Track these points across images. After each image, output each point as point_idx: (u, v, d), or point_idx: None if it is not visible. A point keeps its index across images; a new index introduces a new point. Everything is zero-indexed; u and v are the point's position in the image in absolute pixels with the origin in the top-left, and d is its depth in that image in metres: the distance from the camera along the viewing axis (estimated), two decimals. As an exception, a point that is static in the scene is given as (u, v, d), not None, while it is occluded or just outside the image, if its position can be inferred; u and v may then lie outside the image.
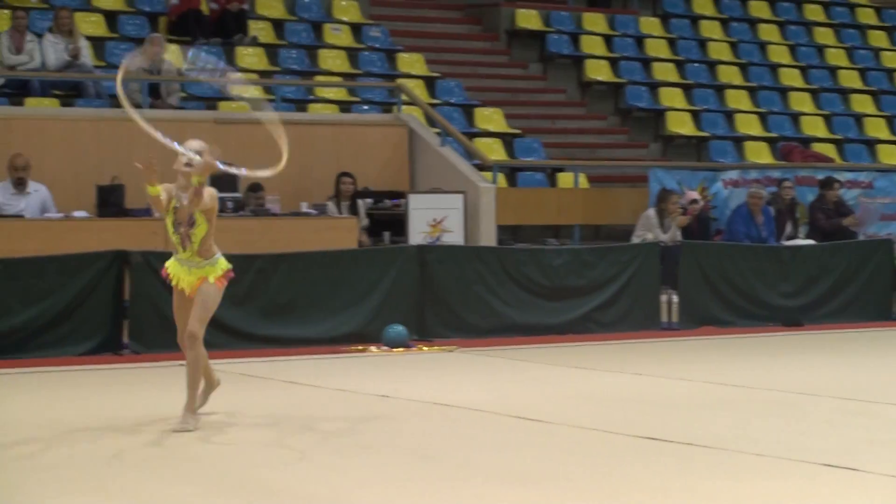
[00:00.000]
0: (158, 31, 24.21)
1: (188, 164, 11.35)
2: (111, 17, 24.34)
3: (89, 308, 15.59)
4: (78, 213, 18.20)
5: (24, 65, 21.16)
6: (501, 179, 22.90)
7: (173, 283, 11.41)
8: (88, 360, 15.07)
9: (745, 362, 15.74)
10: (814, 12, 33.06)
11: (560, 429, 11.35)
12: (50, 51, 21.23)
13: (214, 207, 11.59)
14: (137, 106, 19.68)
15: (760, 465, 9.92)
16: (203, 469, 9.76)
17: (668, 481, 9.40)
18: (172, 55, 16.09)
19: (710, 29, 31.14)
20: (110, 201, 18.19)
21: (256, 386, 13.74)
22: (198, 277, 11.41)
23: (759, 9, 32.39)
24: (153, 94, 21.27)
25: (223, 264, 11.73)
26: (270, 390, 13.52)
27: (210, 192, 11.51)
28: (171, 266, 11.44)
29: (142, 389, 13.57)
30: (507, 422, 11.68)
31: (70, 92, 21.48)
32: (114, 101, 21.13)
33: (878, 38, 32.69)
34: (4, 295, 15.38)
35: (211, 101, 22.77)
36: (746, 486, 9.24)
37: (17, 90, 21.23)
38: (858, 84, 30.61)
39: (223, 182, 18.99)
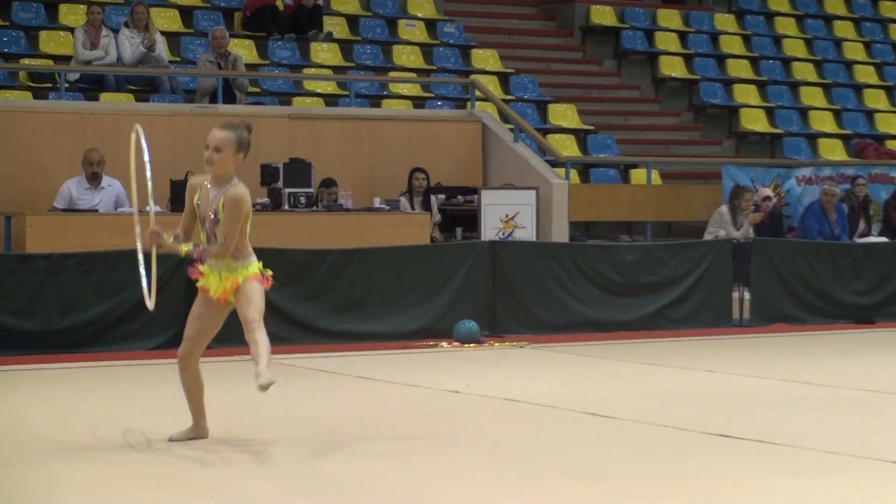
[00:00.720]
0: (234, 26, 24.26)
1: (209, 163, 10.22)
2: (186, 12, 24.42)
3: (161, 303, 15.53)
4: (151, 208, 18.18)
5: (100, 60, 21.19)
6: (574, 176, 22.86)
7: (200, 283, 10.14)
8: (159, 355, 15.07)
9: (817, 360, 15.61)
10: (889, 9, 32.88)
11: (632, 425, 11.25)
12: (126, 45, 21.28)
13: (241, 209, 10.23)
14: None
15: (832, 463, 9.80)
16: (276, 464, 9.72)
17: (739, 478, 9.29)
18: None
19: (785, 25, 30.99)
20: (184, 196, 18.17)
21: (329, 381, 13.68)
22: (230, 283, 10.14)
23: (834, 5, 32.22)
24: (225, 90, 21.25)
25: (257, 266, 10.42)
26: (343, 386, 13.44)
27: (235, 194, 10.19)
28: (206, 274, 10.16)
29: (213, 384, 13.51)
30: (579, 418, 11.57)
31: (145, 87, 21.53)
32: (188, 97, 21.22)
33: (954, 35, 32.52)
34: (78, 289, 15.36)
35: (285, 96, 22.75)
36: (817, 483, 9.13)
37: (93, 85, 21.31)
38: (934, 81, 30.43)
39: (298, 176, 19.01)
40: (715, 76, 28.36)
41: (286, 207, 18.66)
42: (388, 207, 19.72)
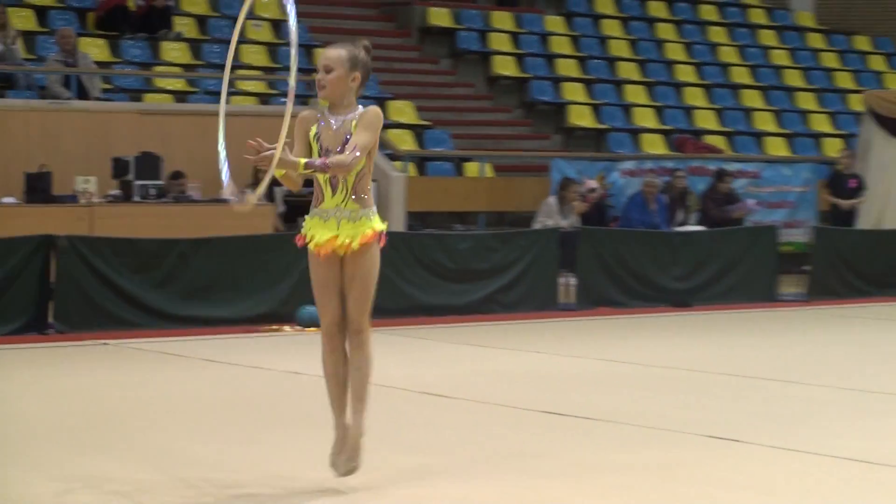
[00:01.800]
0: (88, 26, 24.10)
1: (320, 86, 8.36)
2: (41, 11, 24.15)
3: (16, 290, 15.46)
4: (6, 200, 18.06)
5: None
6: (412, 169, 22.96)
7: (311, 247, 8.22)
8: (14, 340, 14.98)
9: (638, 341, 15.85)
10: (708, 12, 33.28)
11: (466, 404, 11.41)
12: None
13: (379, 124, 8.30)
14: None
15: (652, 437, 10.03)
16: (126, 443, 9.73)
17: (565, 452, 9.48)
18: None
19: (611, 27, 31.28)
20: (38, 188, 18.06)
21: (176, 364, 13.70)
22: (349, 236, 8.09)
23: (656, 9, 32.57)
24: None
25: (381, 222, 8.30)
26: (189, 368, 13.48)
27: (373, 110, 8.29)
28: (311, 226, 8.24)
29: (66, 366, 13.52)
30: (414, 397, 11.73)
31: (1, 84, 21.30)
32: (43, 93, 21.05)
33: (768, 38, 32.94)
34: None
35: (136, 92, 22.67)
36: (639, 456, 9.34)
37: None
38: (748, 80, 30.83)
39: (149, 169, 18.97)
40: (544, 75, 28.54)
41: (137, 199, 18.60)
42: (234, 199, 19.62)
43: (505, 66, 28.39)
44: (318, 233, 8.14)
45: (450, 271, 17.75)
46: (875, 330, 17.07)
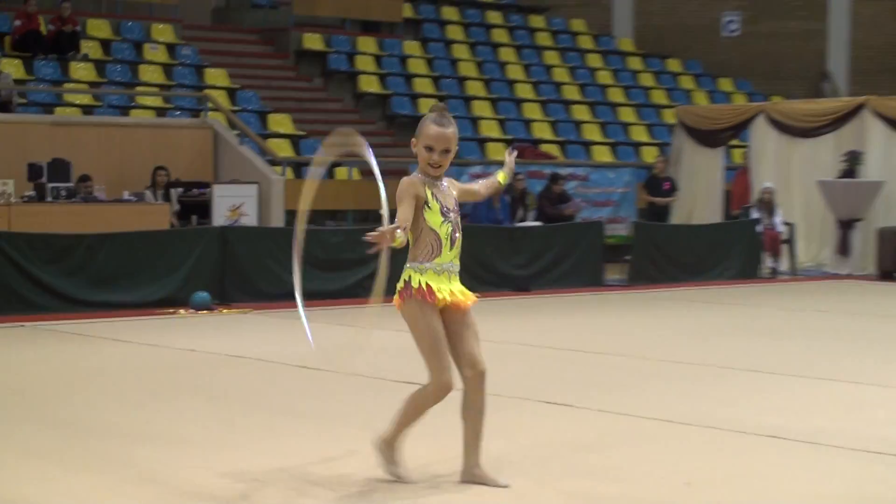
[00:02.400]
0: (5, 48, 23.80)
1: (439, 166, 7.43)
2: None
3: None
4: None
5: None
6: (289, 173, 22.93)
7: (440, 300, 7.39)
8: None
9: (484, 320, 15.85)
10: (543, 38, 33.52)
11: (333, 375, 11.31)
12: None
13: None
14: None
15: (496, 403, 10.06)
16: (40, 410, 9.66)
17: (435, 416, 9.49)
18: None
19: (460, 51, 31.38)
20: None
21: (85, 343, 13.54)
22: (460, 290, 7.53)
23: (499, 35, 32.77)
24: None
25: None
26: (97, 346, 13.34)
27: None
28: (429, 278, 7.42)
29: None
30: (289, 370, 11.71)
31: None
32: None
33: (594, 60, 33.25)
34: None
35: (49, 106, 22.44)
36: (496, 418, 9.38)
37: None
38: (578, 97, 31.08)
39: (60, 173, 18.80)
40: (403, 92, 28.60)
41: (49, 199, 18.46)
42: (135, 199, 19.61)
43: (369, 84, 28.42)
44: (441, 286, 7.40)
45: (323, 261, 17.72)
46: (686, 311, 17.24)
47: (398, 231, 7.08)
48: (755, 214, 22.36)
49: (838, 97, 23.76)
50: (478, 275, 18.93)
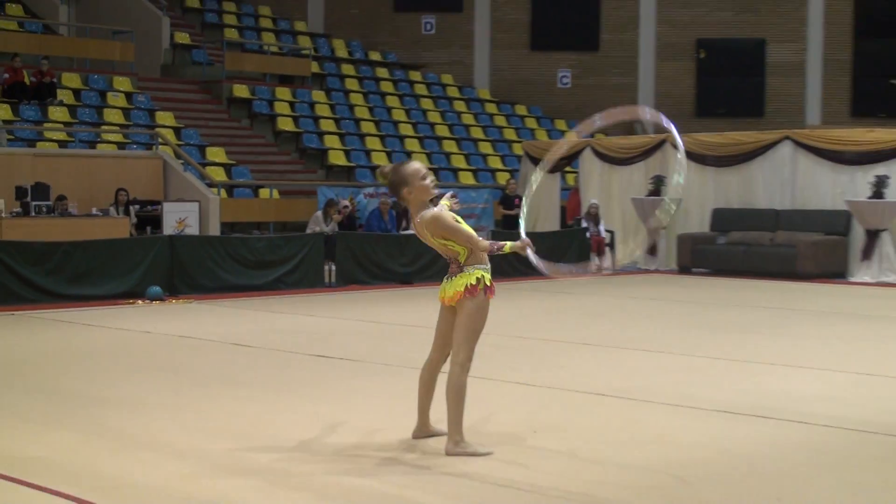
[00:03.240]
0: (-4, 95, 23.43)
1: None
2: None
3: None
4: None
5: None
6: (223, 193, 22.70)
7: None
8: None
9: (376, 307, 15.83)
10: (420, 88, 33.48)
11: (263, 351, 11.32)
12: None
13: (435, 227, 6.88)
14: None
15: (383, 371, 10.07)
16: (33, 382, 9.49)
17: (329, 381, 9.47)
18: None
19: (356, 98, 31.30)
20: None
21: (62, 328, 13.34)
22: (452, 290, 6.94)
23: (386, 86, 32.71)
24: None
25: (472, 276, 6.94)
26: (72, 330, 13.14)
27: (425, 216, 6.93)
28: (487, 277, 6.98)
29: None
30: (226, 347, 11.60)
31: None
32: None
33: (459, 105, 33.26)
34: None
35: (32, 141, 22.13)
36: (375, 384, 9.37)
37: None
38: (447, 134, 31.14)
39: (41, 194, 18.60)
40: (312, 130, 28.45)
41: (33, 214, 18.32)
42: (101, 214, 19.45)
43: (285, 124, 28.25)
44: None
45: (250, 261, 17.57)
46: (537, 298, 17.27)
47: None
48: (585, 224, 22.56)
49: (646, 135, 23.96)
50: (371, 271, 18.94)
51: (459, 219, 7.01)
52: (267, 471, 6.49)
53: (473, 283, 6.86)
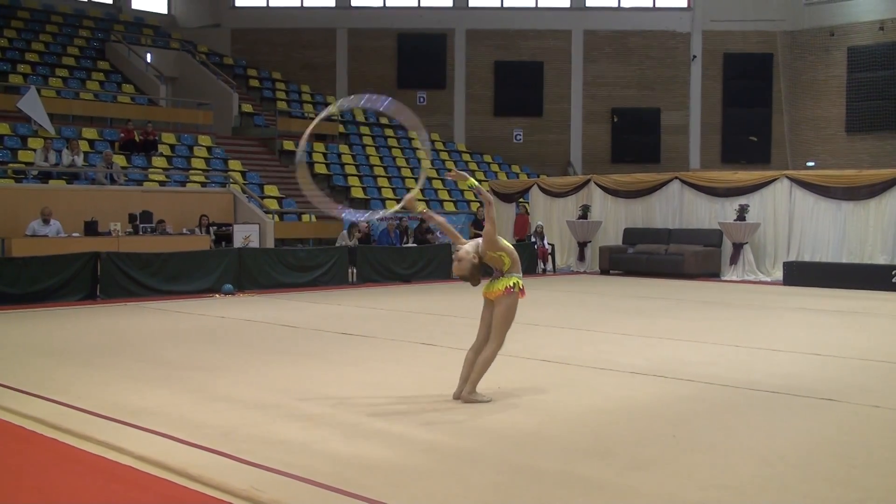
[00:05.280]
0: (115, 149, 23.25)
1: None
2: (91, 143, 23.27)
3: (77, 279, 14.91)
4: (73, 234, 17.38)
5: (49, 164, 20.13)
6: (277, 218, 22.62)
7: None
8: (75, 304, 14.36)
9: (387, 299, 15.74)
10: (416, 144, 33.40)
11: (304, 330, 11.24)
12: (54, 158, 20.23)
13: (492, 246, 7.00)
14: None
15: (384, 344, 9.96)
16: (134, 351, 9.39)
17: (351, 351, 9.36)
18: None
19: (371, 151, 31.15)
20: (91, 228, 17.50)
21: (162, 314, 13.25)
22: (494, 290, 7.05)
23: (392, 142, 32.57)
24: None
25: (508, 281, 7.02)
26: (170, 316, 13.04)
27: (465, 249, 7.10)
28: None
29: (107, 317, 12.92)
30: (278, 328, 11.52)
31: (68, 177, 20.46)
32: (91, 181, 20.18)
33: (444, 156, 33.20)
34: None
35: (138, 181, 21.97)
36: (384, 353, 9.26)
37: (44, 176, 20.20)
38: (436, 176, 31.05)
39: (145, 218, 18.46)
40: (339, 172, 28.40)
41: (140, 233, 18.17)
42: (189, 233, 19.29)
43: (321, 168, 28.19)
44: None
45: (295, 266, 17.52)
46: (527, 290, 17.22)
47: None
48: (534, 240, 22.52)
49: (577, 175, 23.96)
50: (382, 273, 18.87)
51: (505, 242, 7.04)
52: (312, 416, 6.43)
53: (510, 285, 6.94)
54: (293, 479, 4.94)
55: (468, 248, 7.04)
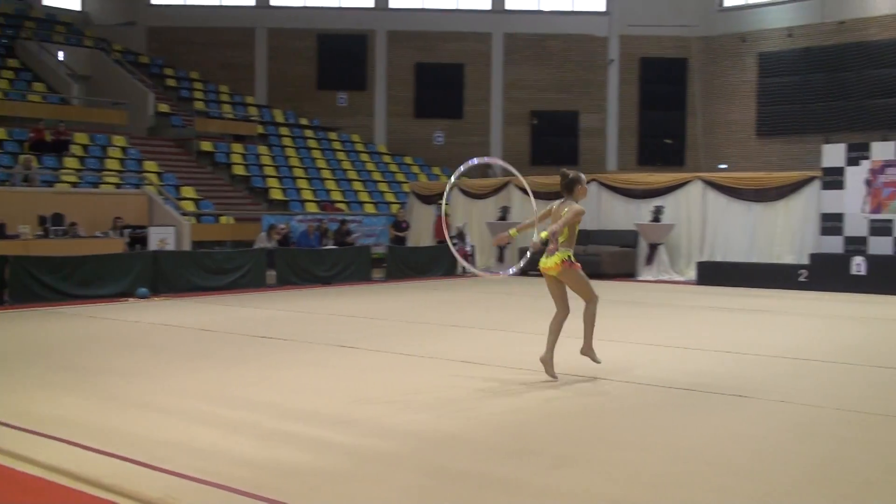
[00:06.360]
0: (24, 149, 22.65)
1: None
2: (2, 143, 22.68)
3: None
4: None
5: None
6: (193, 220, 22.28)
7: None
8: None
9: (306, 301, 15.63)
10: (336, 145, 33.23)
11: (221, 334, 11.07)
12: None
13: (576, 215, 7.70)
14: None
15: (307, 347, 9.91)
16: (44, 356, 9.14)
17: (270, 355, 9.26)
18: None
19: (290, 152, 30.96)
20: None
21: (74, 319, 12.93)
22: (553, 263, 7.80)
23: (312, 143, 32.42)
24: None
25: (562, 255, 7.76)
26: (82, 321, 12.73)
27: (576, 206, 7.76)
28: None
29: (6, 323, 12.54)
30: (195, 332, 11.35)
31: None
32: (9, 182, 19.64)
33: (364, 157, 33.09)
34: None
35: (51, 181, 21.43)
36: (303, 356, 9.21)
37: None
38: (356, 177, 30.97)
39: (56, 221, 18.01)
40: (258, 174, 28.14)
41: (51, 236, 17.75)
42: (102, 235, 18.97)
43: (239, 170, 27.95)
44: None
45: (213, 269, 17.28)
46: (417, 293, 17.26)
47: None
48: (456, 240, 22.59)
49: (497, 178, 24.16)
50: (301, 275, 18.73)
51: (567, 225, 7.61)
52: (229, 421, 6.34)
53: (566, 258, 7.64)
54: (209, 486, 4.86)
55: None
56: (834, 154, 18.95)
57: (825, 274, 17.81)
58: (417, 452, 5.55)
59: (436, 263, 21.54)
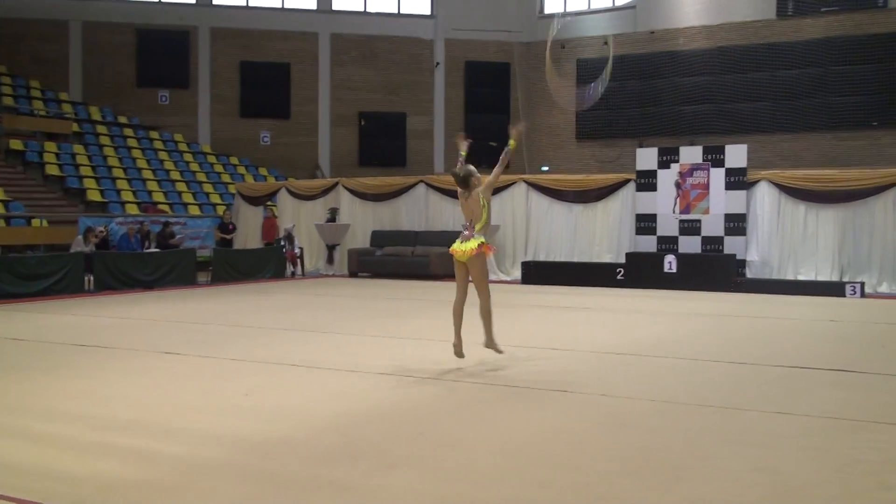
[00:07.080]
0: None
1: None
2: None
3: None
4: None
5: None
6: (2, 222, 21.03)
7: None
8: None
9: (127, 307, 15.01)
10: (158, 145, 32.16)
11: (34, 343, 10.46)
12: None
13: (488, 192, 8.44)
14: None
15: (129, 355, 9.56)
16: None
17: (86, 364, 8.87)
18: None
19: (109, 151, 29.64)
20: None
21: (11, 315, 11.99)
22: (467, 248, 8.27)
23: (132, 142, 31.16)
24: None
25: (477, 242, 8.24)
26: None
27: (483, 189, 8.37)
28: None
29: None
30: (6, 342, 10.66)
31: None
32: None
33: (188, 157, 32.15)
34: None
35: None
36: (123, 364, 8.88)
37: None
38: (179, 178, 30.03)
39: None
40: (74, 174, 26.85)
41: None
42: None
43: (53, 170, 26.54)
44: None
45: (24, 274, 16.39)
46: (247, 297, 16.91)
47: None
48: (283, 243, 22.32)
49: (325, 178, 24.04)
50: (122, 280, 18.03)
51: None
52: (45, 435, 6.02)
53: (481, 243, 8.02)
54: (21, 504, 4.61)
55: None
56: (647, 157, 19.89)
57: (640, 272, 18.67)
58: (245, 459, 5.44)
59: (264, 266, 21.22)
